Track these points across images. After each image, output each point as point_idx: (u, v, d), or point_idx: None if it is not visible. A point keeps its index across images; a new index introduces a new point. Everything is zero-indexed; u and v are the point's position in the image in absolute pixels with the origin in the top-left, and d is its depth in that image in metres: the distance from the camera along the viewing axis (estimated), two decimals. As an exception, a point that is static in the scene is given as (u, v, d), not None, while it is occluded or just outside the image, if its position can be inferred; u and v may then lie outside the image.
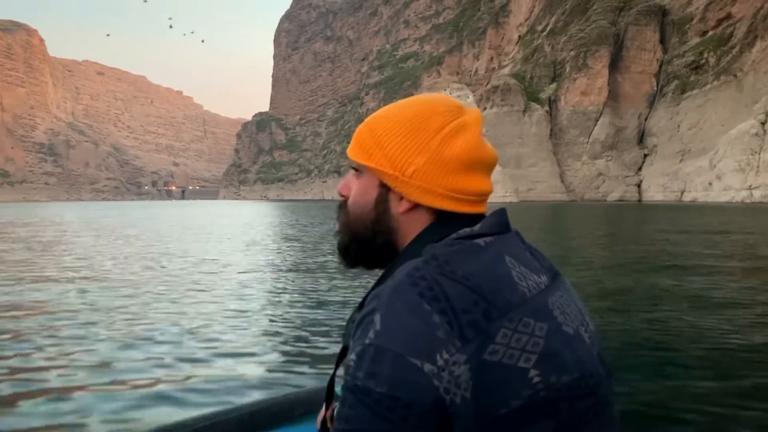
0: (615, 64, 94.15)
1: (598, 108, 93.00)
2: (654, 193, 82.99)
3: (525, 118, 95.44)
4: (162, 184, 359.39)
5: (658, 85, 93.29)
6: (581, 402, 0.64)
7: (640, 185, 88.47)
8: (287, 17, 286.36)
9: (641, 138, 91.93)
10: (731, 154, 65.56)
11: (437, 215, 0.73)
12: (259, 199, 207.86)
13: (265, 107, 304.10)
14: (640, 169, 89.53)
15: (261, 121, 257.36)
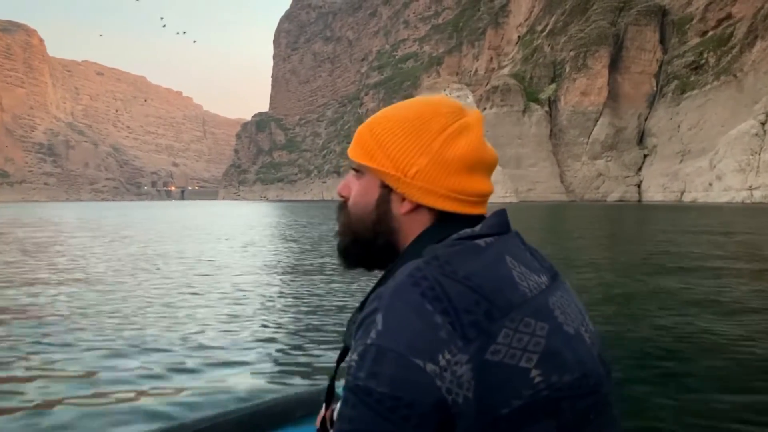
0: (615, 65, 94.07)
1: (598, 108, 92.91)
2: (654, 194, 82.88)
3: (525, 118, 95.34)
4: (161, 184, 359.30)
5: (658, 85, 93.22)
6: (582, 401, 0.64)
7: (640, 185, 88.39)
8: (287, 17, 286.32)
9: (641, 138, 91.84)
10: (731, 154, 65.44)
11: (438, 216, 0.73)
12: (259, 199, 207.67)
13: (264, 107, 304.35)
14: (640, 169, 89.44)
15: (260, 121, 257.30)
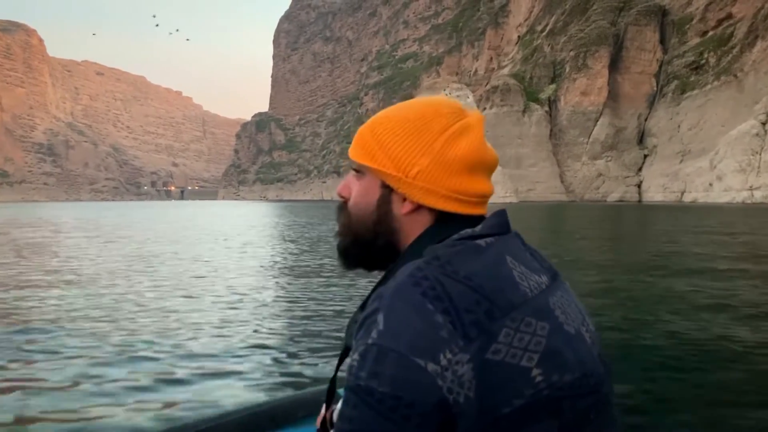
0: (615, 65, 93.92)
1: (598, 108, 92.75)
2: (654, 194, 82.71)
3: (525, 118, 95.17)
4: (161, 184, 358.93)
5: (658, 85, 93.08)
6: (583, 401, 0.64)
7: (640, 186, 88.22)
8: (287, 18, 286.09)
9: (641, 138, 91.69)
10: (732, 154, 65.27)
11: (438, 216, 0.73)
12: (258, 199, 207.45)
13: (264, 107, 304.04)
14: (640, 169, 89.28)
15: (260, 121, 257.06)
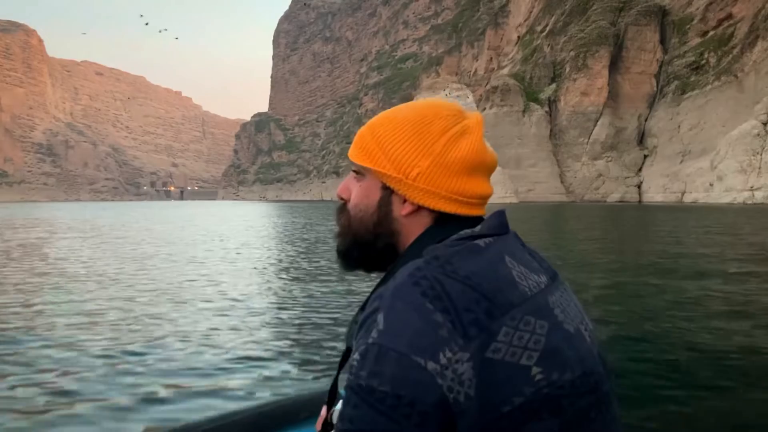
0: (615, 65, 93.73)
1: (598, 109, 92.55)
2: (654, 194, 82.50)
3: (524, 118, 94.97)
4: (161, 184, 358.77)
5: (658, 85, 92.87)
6: (583, 399, 0.65)
7: (640, 186, 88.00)
8: (286, 18, 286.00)
9: (641, 139, 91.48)
10: (732, 154, 65.06)
11: (438, 217, 0.74)
12: (258, 199, 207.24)
13: (263, 108, 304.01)
14: (640, 170, 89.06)
15: (260, 121, 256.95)
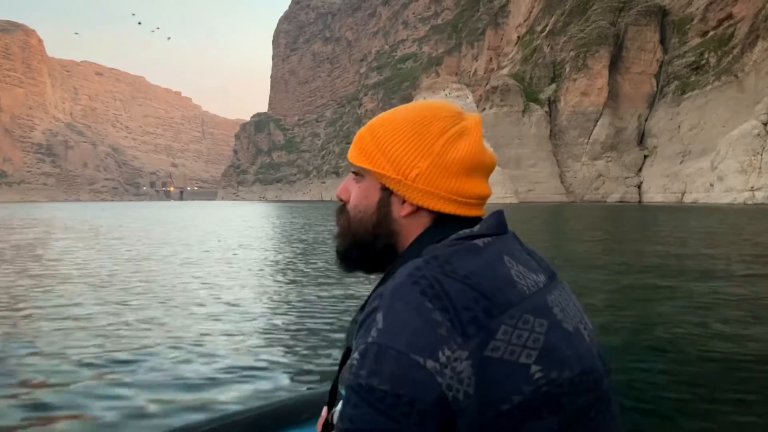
0: (615, 65, 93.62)
1: (598, 109, 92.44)
2: (654, 195, 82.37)
3: (524, 118, 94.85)
4: (160, 184, 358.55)
5: (658, 85, 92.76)
6: (582, 398, 0.65)
7: (640, 186, 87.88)
8: (286, 18, 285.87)
9: (641, 139, 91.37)
10: (733, 155, 64.92)
11: (437, 218, 0.74)
12: (258, 200, 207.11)
13: (263, 108, 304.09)
14: (641, 170, 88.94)
15: (259, 121, 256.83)
